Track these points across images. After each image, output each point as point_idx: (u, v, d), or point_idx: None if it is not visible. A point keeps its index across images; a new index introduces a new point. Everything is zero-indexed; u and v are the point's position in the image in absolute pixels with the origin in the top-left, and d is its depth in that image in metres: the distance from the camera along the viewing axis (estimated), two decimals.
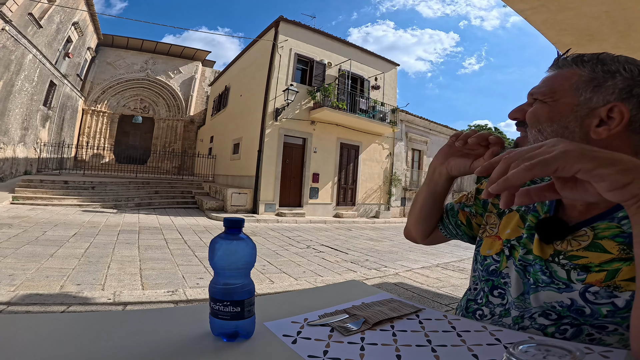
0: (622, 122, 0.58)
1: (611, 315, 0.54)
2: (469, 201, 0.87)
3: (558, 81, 0.64)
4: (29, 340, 0.47)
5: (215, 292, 0.51)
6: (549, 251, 0.63)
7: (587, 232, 0.60)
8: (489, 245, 0.75)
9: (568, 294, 0.58)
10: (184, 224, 7.98)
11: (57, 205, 8.98)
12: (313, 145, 11.80)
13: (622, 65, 0.60)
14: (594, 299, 0.55)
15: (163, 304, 2.96)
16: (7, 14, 9.42)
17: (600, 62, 0.62)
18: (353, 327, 0.54)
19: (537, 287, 0.62)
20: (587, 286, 0.56)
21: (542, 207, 0.70)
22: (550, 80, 0.66)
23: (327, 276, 4.33)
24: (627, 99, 0.59)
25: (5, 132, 10.53)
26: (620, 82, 0.59)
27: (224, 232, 0.52)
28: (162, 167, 18.34)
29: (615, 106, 0.58)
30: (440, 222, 0.90)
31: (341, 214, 12.01)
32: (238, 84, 14.48)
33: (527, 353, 0.31)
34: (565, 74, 0.64)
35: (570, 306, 0.57)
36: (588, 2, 1.87)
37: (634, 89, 0.59)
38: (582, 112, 0.61)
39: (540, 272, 0.63)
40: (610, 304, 0.54)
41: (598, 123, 0.60)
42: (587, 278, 0.57)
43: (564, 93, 0.63)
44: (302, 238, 7.43)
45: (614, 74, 0.60)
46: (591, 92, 0.61)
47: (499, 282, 0.70)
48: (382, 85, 13.82)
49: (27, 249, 4.35)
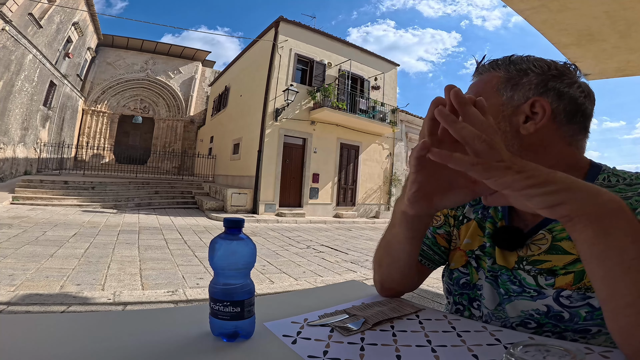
0: (545, 115, 0.60)
1: (590, 317, 0.53)
2: (436, 222, 0.78)
3: (481, 86, 0.68)
4: (29, 340, 0.47)
5: (215, 293, 0.51)
6: (513, 259, 0.63)
7: (545, 235, 0.60)
8: (454, 259, 0.74)
9: (542, 301, 0.57)
10: (183, 224, 7.98)
11: (57, 206, 8.98)
12: (313, 146, 11.81)
13: (531, 63, 0.64)
14: (569, 303, 0.55)
15: (163, 304, 2.95)
16: (7, 14, 9.43)
17: (512, 63, 0.65)
18: (353, 327, 0.54)
19: (510, 297, 0.61)
20: (559, 291, 0.56)
21: (497, 213, 0.69)
22: (475, 87, 0.69)
23: (327, 276, 4.33)
24: (544, 93, 0.61)
25: (5, 132, 10.53)
26: (534, 78, 0.62)
27: (224, 232, 0.52)
28: (162, 167, 18.34)
29: (536, 101, 0.61)
30: (420, 255, 0.76)
31: (341, 214, 12.01)
32: (238, 84, 14.48)
33: (527, 353, 0.31)
34: (485, 79, 0.68)
35: (547, 313, 0.57)
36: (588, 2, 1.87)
37: (549, 82, 0.62)
38: (508, 111, 0.63)
39: (509, 281, 0.62)
40: (587, 305, 0.53)
41: (525, 119, 0.62)
42: (556, 282, 0.56)
43: (488, 95, 0.64)
44: (302, 238, 7.43)
45: (526, 72, 0.63)
46: (511, 91, 0.63)
47: (475, 294, 0.68)
48: (382, 86, 13.82)
49: (27, 249, 4.34)
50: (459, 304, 0.72)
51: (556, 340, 0.52)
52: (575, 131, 0.62)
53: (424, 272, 0.77)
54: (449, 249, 0.77)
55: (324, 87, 11.72)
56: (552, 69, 0.63)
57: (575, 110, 0.62)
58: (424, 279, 0.79)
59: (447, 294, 0.76)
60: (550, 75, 0.62)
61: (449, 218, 0.78)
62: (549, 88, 0.61)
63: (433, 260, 0.77)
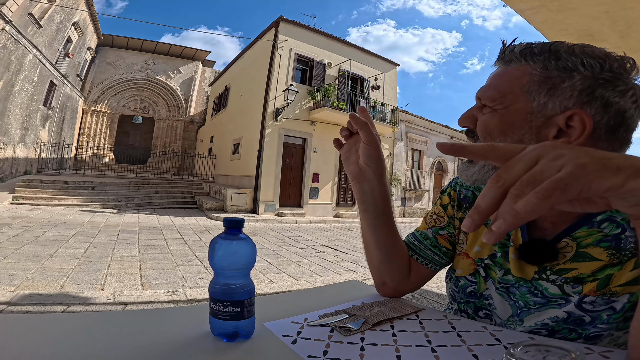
0: (584, 133, 0.49)
1: (608, 320, 0.52)
2: (439, 223, 0.75)
3: (506, 82, 0.55)
4: (29, 340, 0.47)
5: (215, 293, 0.51)
6: (531, 270, 0.58)
7: (569, 243, 0.55)
8: (460, 265, 0.69)
9: (565, 308, 0.55)
10: (184, 224, 7.98)
11: (57, 206, 8.97)
12: (313, 146, 11.81)
13: (579, 60, 0.51)
14: (592, 308, 0.53)
15: (163, 304, 2.95)
16: (7, 14, 9.42)
17: (554, 55, 0.52)
18: (353, 327, 0.54)
19: (530, 309, 0.58)
20: (581, 297, 0.53)
21: None
22: (498, 81, 0.56)
23: (327, 276, 4.33)
24: (588, 103, 0.50)
25: (5, 132, 10.53)
26: (579, 83, 0.50)
27: (224, 232, 0.52)
28: (162, 167, 18.34)
29: (575, 114, 0.49)
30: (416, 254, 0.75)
31: (341, 214, 12.01)
32: (238, 84, 14.48)
33: (527, 353, 0.31)
34: (514, 73, 0.55)
35: (567, 319, 0.54)
36: (588, 2, 1.87)
37: (597, 90, 0.49)
38: (538, 122, 0.52)
39: (529, 294, 0.58)
40: (610, 309, 0.52)
41: (556, 134, 0.51)
42: (583, 289, 0.53)
43: (514, 98, 0.54)
44: (302, 238, 7.42)
45: (571, 72, 0.51)
46: (546, 97, 0.51)
47: (481, 303, 0.65)
48: (382, 85, 13.82)
49: (27, 249, 4.34)
50: (463, 311, 0.69)
51: (556, 341, 0.52)
52: (615, 147, 0.52)
53: (421, 271, 0.75)
54: (451, 250, 0.74)
55: (324, 87, 11.72)
56: (606, 71, 0.50)
57: (620, 124, 0.50)
58: (425, 281, 0.77)
59: (452, 300, 0.73)
60: (601, 79, 0.50)
61: (455, 220, 0.73)
62: (595, 97, 0.49)
63: (432, 260, 0.74)
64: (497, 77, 0.57)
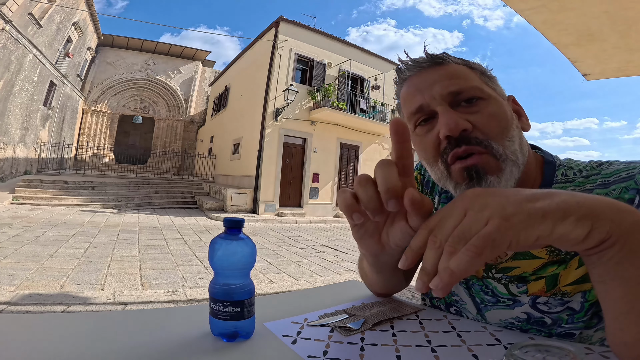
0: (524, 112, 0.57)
1: (571, 320, 0.52)
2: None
3: (464, 74, 0.54)
4: (29, 340, 0.47)
5: (215, 293, 0.51)
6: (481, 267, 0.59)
7: None
8: None
9: (520, 309, 0.56)
10: (184, 224, 7.98)
11: (57, 205, 8.97)
12: (313, 146, 11.80)
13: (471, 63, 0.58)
14: (547, 309, 0.53)
15: (163, 304, 2.96)
16: (7, 14, 9.42)
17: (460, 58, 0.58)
18: (353, 327, 0.54)
19: (486, 306, 0.60)
20: (534, 297, 0.54)
21: None
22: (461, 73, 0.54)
23: (327, 276, 4.33)
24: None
25: (5, 132, 10.53)
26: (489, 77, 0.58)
27: (224, 232, 0.52)
28: (162, 167, 18.35)
29: (511, 95, 0.58)
30: None
31: (341, 214, 12.00)
32: (238, 84, 14.48)
33: (527, 353, 0.31)
34: (459, 68, 0.55)
35: (528, 320, 0.55)
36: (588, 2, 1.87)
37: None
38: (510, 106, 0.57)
39: (481, 292, 0.60)
40: (567, 309, 0.52)
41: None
42: (528, 289, 0.54)
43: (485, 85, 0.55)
44: (302, 238, 7.42)
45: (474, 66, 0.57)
46: (494, 85, 0.57)
47: (450, 299, 0.67)
48: (382, 85, 13.81)
49: (27, 249, 4.34)
50: (436, 307, 0.70)
51: (556, 341, 0.52)
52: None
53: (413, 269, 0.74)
54: None
55: (324, 87, 11.72)
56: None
57: None
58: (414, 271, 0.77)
59: (424, 295, 0.74)
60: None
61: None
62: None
63: None
64: (452, 73, 0.54)
